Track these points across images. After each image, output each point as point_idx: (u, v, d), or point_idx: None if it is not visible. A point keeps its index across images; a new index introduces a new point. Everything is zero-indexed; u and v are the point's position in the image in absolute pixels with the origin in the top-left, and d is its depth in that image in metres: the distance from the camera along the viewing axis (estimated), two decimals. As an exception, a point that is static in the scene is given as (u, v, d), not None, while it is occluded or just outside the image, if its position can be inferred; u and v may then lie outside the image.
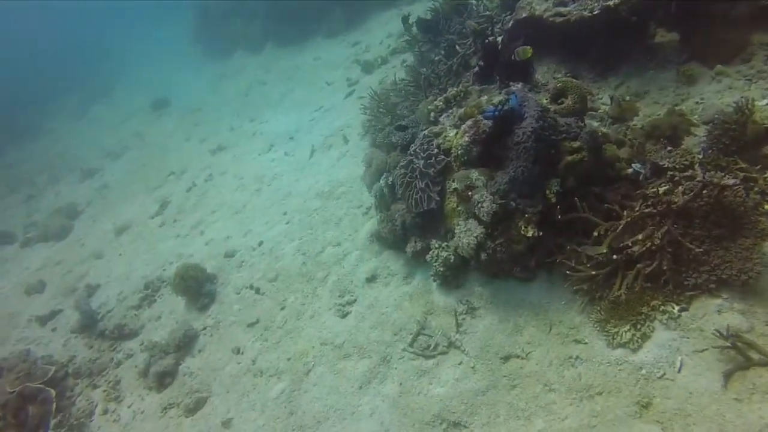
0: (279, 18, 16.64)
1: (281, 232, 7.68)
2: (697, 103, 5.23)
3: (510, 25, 6.56)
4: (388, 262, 5.86)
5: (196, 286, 6.89)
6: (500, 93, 4.82)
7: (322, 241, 6.92)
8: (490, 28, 7.06)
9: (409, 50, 9.00)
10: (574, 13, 5.70)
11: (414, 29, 8.53)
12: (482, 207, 4.17)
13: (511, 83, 4.76)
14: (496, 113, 4.23)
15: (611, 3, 5.22)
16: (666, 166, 4.53)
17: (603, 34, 6.03)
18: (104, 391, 6.38)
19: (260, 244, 7.67)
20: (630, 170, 4.67)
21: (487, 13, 7.22)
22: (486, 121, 4.35)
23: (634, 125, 5.30)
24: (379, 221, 5.85)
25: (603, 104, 5.85)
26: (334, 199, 7.61)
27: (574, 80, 4.48)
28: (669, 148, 4.69)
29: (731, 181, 3.63)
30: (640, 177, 4.62)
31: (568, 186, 4.25)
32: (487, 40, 4.85)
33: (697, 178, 3.71)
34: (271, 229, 7.95)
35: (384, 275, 5.79)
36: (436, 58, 7.90)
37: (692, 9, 5.92)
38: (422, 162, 4.68)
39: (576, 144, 4.21)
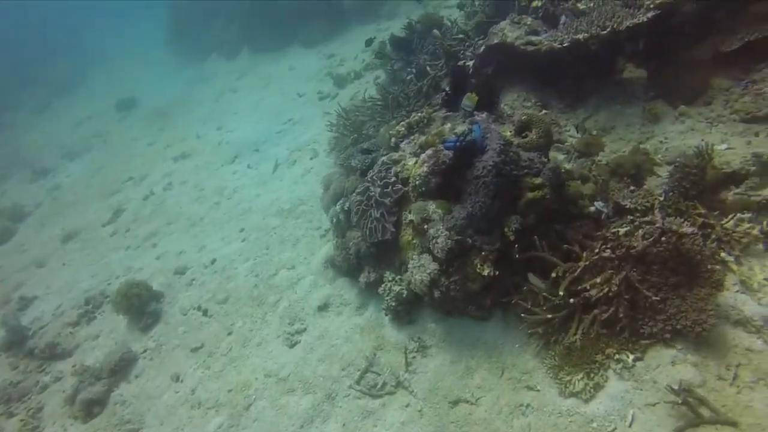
0: (257, 24, 16.42)
1: (236, 250, 7.36)
2: (661, 142, 5.23)
3: (482, 50, 6.50)
4: (342, 291, 5.62)
5: (140, 305, 6.50)
6: (464, 122, 4.69)
7: (277, 263, 6.65)
8: (462, 51, 7.00)
9: (381, 67, 8.88)
10: (545, 43, 5.66)
11: (387, 47, 8.42)
12: (437, 243, 3.99)
13: (475, 113, 4.64)
14: (457, 144, 4.09)
15: (580, 36, 5.19)
16: (628, 206, 4.47)
17: (573, 66, 6.02)
18: (21, 420, 5.87)
19: (213, 261, 7.33)
20: (592, 208, 4.59)
21: (460, 36, 7.14)
22: (446, 152, 4.20)
23: (599, 161, 5.25)
24: (335, 247, 5.62)
25: (571, 136, 5.81)
26: (294, 218, 7.35)
27: (539, 114, 4.39)
28: (632, 187, 4.64)
29: (689, 230, 3.56)
30: (603, 216, 4.54)
31: (528, 223, 4.12)
32: (455, 65, 4.72)
33: (657, 224, 3.62)
34: (226, 245, 7.62)
35: (337, 304, 5.55)
36: (408, 78, 7.80)
37: (659, 48, 5.99)
38: (379, 190, 4.50)
39: (538, 180, 4.09)
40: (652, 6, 5.02)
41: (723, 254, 4.06)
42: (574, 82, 6.14)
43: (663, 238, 3.68)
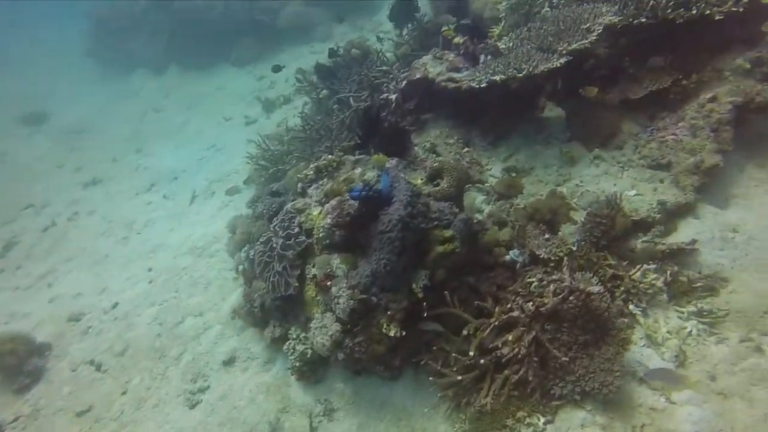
0: (184, 40, 15.69)
1: (142, 293, 6.73)
2: (577, 185, 5.28)
3: (404, 84, 6.40)
4: (250, 343, 5.21)
5: (16, 363, 5.72)
6: (375, 167, 4.48)
7: (184, 309, 6.11)
8: (386, 84, 6.87)
9: (308, 95, 8.62)
10: (465, 81, 5.62)
11: (314, 75, 8.18)
12: (339, 303, 3.72)
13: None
14: (363, 195, 3.85)
15: (497, 78, 5.18)
16: (542, 256, 4.42)
17: (494, 104, 6.02)
18: None
19: (115, 306, 6.66)
20: (508, 257, 4.51)
21: (384, 67, 7.03)
22: (352, 202, 3.96)
23: (517, 204, 5.22)
24: (242, 295, 5.22)
25: (492, 176, 5.77)
26: (207, 257, 6.84)
27: (451, 161, 4.26)
28: (547, 235, 4.61)
29: (596, 289, 3.50)
30: (518, 266, 4.46)
31: (439, 278, 3.94)
32: (365, 106, 4.52)
33: (565, 283, 3.54)
34: (131, 287, 6.96)
35: (243, 358, 5.12)
36: (335, 107, 7.58)
37: (575, 90, 6.14)
38: (281, 241, 4.18)
39: (448, 233, 3.93)
40: (564, 52, 5.10)
41: (631, 307, 4.07)
42: (496, 119, 6.14)
43: (571, 297, 3.61)
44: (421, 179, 4.28)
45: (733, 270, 4.25)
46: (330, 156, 4.64)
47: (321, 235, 4.01)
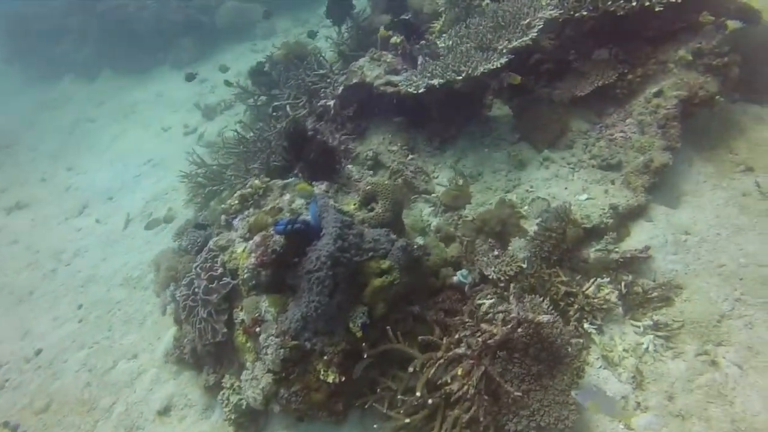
0: (117, 42, 14.71)
1: (70, 335, 6.18)
2: (527, 191, 5.06)
3: (341, 90, 6.01)
4: (187, 387, 4.79)
5: None
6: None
7: (117, 351, 5.62)
8: (323, 89, 6.47)
9: (244, 101, 8.11)
10: (403, 85, 5.29)
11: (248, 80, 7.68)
12: (268, 353, 3.36)
13: (314, 183, 4.09)
14: (287, 229, 3.49)
15: (435, 82, 4.87)
16: (491, 276, 4.18)
17: (439, 105, 5.73)
18: None
19: (38, 352, 6.08)
20: (455, 278, 4.26)
21: (322, 71, 6.61)
22: (277, 237, 3.59)
23: (465, 216, 4.97)
24: (174, 338, 4.79)
25: (439, 185, 5.50)
26: (143, 289, 6.33)
27: (386, 182, 3.94)
28: (496, 252, 4.37)
29: (545, 318, 3.27)
30: (466, 288, 4.22)
31: (378, 314, 3.64)
32: (289, 123, 4.11)
33: (512, 314, 3.29)
34: (58, 328, 6.39)
35: (181, 405, 4.71)
36: (273, 114, 7.13)
37: (522, 85, 5.91)
38: (204, 284, 3.78)
39: (386, 264, 3.62)
40: (504, 51, 4.83)
41: (586, 325, 3.88)
42: (441, 122, 5.85)
43: (520, 329, 3.37)
44: (354, 204, 3.95)
45: (686, 276, 4.12)
46: (256, 181, 4.23)
47: (246, 276, 3.63)
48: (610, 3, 4.87)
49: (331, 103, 6.16)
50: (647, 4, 4.77)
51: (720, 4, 5.11)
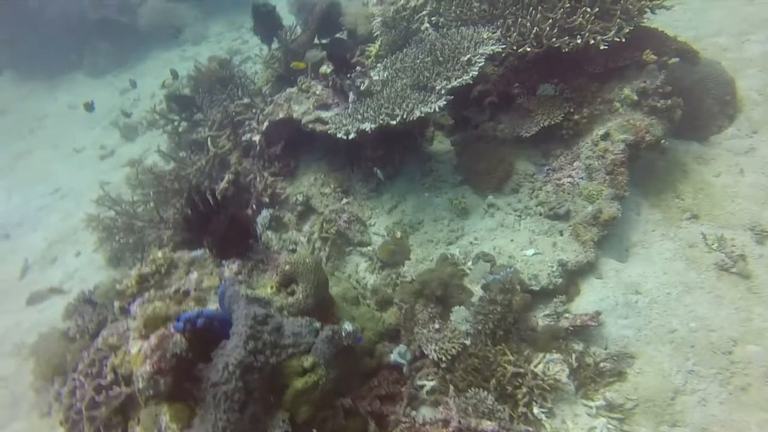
0: (17, 38, 13.03)
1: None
2: (471, 243, 4.70)
3: (265, 126, 5.42)
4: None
5: None
6: (216, 266, 3.54)
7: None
8: (248, 121, 5.83)
9: (163, 128, 7.31)
10: (332, 129, 4.77)
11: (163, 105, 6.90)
12: (164, 488, 2.79)
13: (223, 263, 3.52)
14: (188, 328, 2.92)
15: (366, 127, 4.39)
16: (432, 357, 3.78)
17: (373, 144, 5.25)
18: None
19: None
20: (392, 358, 3.84)
21: (246, 101, 5.97)
22: (178, 337, 3.01)
23: (404, 275, 4.55)
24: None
25: (376, 234, 5.04)
26: (39, 356, 5.49)
27: (308, 260, 3.42)
28: (437, 324, 3.96)
29: (489, 427, 2.89)
30: (404, 368, 3.80)
31: (302, 418, 3.14)
32: (192, 197, 3.45)
33: (453, 423, 2.89)
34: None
35: None
36: (192, 148, 6.43)
37: (464, 119, 5.56)
38: (90, 395, 3.13)
39: (309, 361, 3.12)
40: (443, 92, 4.41)
41: (536, 410, 3.55)
42: (378, 160, 5.38)
43: (462, 434, 2.98)
44: (272, 287, 3.41)
45: (638, 343, 3.89)
46: (158, 254, 3.60)
47: (141, 385, 3.02)
48: (554, 39, 4.56)
49: (257, 138, 5.55)
50: (591, 42, 4.50)
51: (662, 43, 4.96)
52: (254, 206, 5.23)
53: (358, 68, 5.45)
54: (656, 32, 5.05)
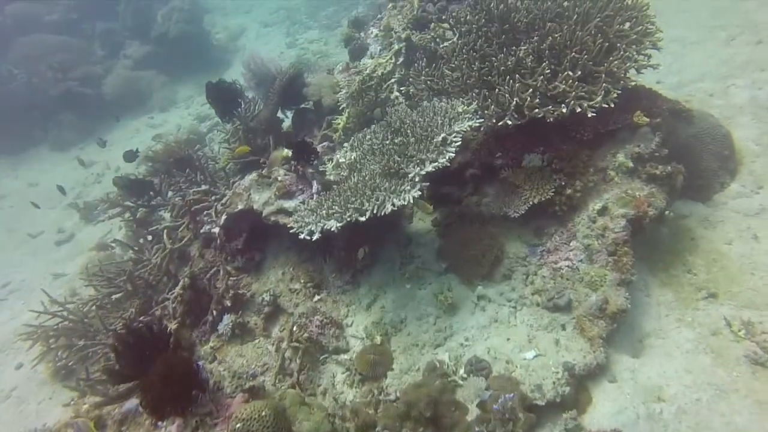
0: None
1: None
2: (462, 344, 4.11)
3: (223, 220, 4.86)
4: None
5: None
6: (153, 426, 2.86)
7: None
8: (207, 212, 5.28)
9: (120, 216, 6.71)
10: (294, 226, 4.20)
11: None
12: None
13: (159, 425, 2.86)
14: None
15: (332, 226, 3.84)
16: None
17: (345, 231, 4.68)
18: None
19: None
20: None
21: (204, 187, 5.43)
22: None
23: (387, 392, 3.91)
24: None
25: (354, 337, 4.42)
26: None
27: (265, 413, 2.79)
28: (427, 461, 3.29)
29: None
30: None
31: None
32: (125, 337, 2.83)
33: None
34: None
35: None
36: (149, 239, 5.84)
37: (445, 195, 5.07)
38: None
39: None
40: (417, 180, 3.90)
41: None
42: (352, 247, 4.81)
43: None
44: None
45: (671, 470, 3.25)
46: (85, 405, 2.94)
47: None
48: (537, 110, 4.12)
49: (216, 230, 4.99)
50: (578, 110, 4.06)
51: (652, 103, 4.55)
52: (214, 312, 4.59)
53: (325, 144, 4.99)
54: (645, 90, 4.65)
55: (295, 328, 4.40)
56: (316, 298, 4.69)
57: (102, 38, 13.54)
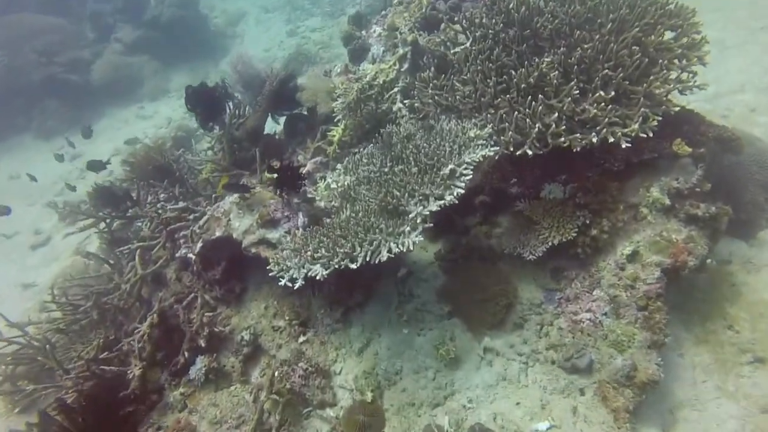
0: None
1: None
2: (464, 406, 3.63)
3: (199, 247, 4.36)
4: None
5: None
6: None
7: None
8: (183, 232, 4.77)
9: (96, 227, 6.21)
10: (274, 271, 3.69)
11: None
12: None
13: None
14: None
15: (317, 273, 3.33)
16: None
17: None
18: None
19: None
20: None
21: (181, 205, 4.92)
22: None
23: (378, 463, 3.43)
24: None
25: (342, 387, 3.94)
26: None
27: None
28: None
29: None
30: None
31: None
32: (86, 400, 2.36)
33: None
34: None
35: None
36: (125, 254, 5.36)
37: (449, 223, 4.54)
38: None
39: None
40: (419, 220, 3.37)
41: None
42: (344, 282, 4.30)
43: None
44: None
45: None
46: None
47: None
48: (562, 138, 3.55)
49: (192, 256, 4.49)
50: (611, 140, 3.50)
51: (696, 130, 3.95)
52: (186, 354, 4.11)
53: (318, 160, 4.46)
54: (687, 114, 4.04)
55: (276, 375, 3.93)
56: (302, 338, 4.20)
57: (92, 20, 12.93)
